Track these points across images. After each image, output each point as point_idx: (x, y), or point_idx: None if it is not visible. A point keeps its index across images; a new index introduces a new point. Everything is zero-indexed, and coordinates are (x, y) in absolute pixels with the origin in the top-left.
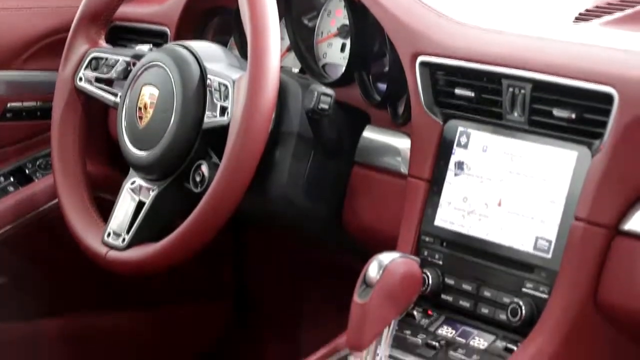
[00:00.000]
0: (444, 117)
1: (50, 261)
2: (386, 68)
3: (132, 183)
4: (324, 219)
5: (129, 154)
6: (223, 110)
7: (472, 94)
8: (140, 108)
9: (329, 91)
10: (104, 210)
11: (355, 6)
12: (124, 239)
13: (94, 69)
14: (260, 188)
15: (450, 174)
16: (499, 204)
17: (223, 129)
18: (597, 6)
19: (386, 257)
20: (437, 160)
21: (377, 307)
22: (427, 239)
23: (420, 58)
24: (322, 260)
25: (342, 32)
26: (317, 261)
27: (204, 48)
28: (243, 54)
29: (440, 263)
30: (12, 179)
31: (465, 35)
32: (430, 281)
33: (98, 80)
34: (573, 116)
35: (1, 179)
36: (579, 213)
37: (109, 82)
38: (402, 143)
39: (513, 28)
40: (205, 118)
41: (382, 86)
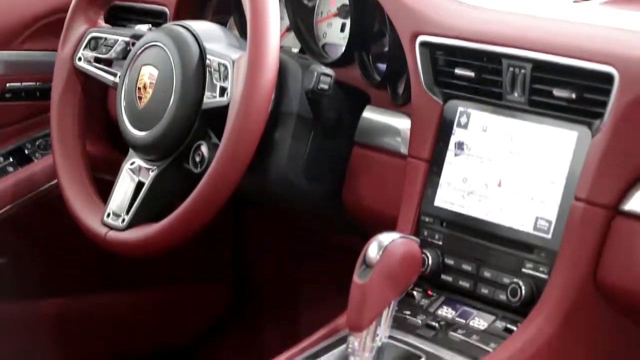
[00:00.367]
0: (444, 97)
1: (49, 241)
2: (386, 48)
3: (132, 163)
4: (324, 199)
5: (129, 135)
6: (222, 90)
7: (472, 74)
8: (139, 88)
9: (329, 71)
10: (104, 190)
11: None
12: (124, 220)
13: (93, 49)
14: (259, 168)
15: (450, 154)
16: (499, 185)
17: (222, 110)
18: None
19: (386, 238)
20: (437, 140)
21: (377, 288)
22: (427, 220)
23: (420, 38)
24: (322, 240)
25: (342, 12)
26: (317, 241)
27: (204, 28)
28: (242, 34)
29: (440, 243)
30: (12, 159)
31: (465, 14)
32: (430, 261)
33: (97, 60)
34: (573, 96)
35: (0, 159)
36: (579, 193)
37: (108, 62)
38: (402, 123)
39: (513, 8)
40: (204, 98)
41: (382, 66)
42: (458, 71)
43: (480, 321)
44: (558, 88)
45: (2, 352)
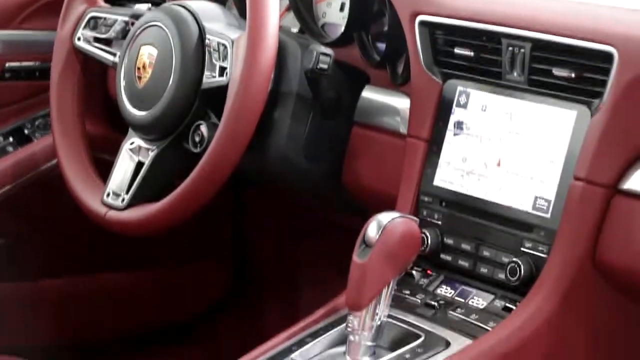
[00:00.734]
0: (444, 77)
1: (49, 221)
2: (385, 28)
3: (131, 143)
4: (323, 179)
5: (128, 114)
6: (222, 70)
7: (472, 54)
8: (139, 68)
9: (328, 51)
10: (104, 170)
11: None
12: (124, 199)
13: (93, 29)
14: (259, 148)
15: (449, 134)
16: (498, 164)
17: (222, 89)
18: None
19: (385, 217)
20: (437, 120)
21: (376, 267)
22: (426, 199)
23: (419, 17)
24: (322, 220)
25: None
26: (317, 221)
27: (203, 7)
28: (242, 14)
29: (439, 223)
30: (11, 139)
31: None
32: (429, 241)
33: (97, 40)
34: (573, 75)
35: (0, 139)
36: (578, 172)
37: (108, 42)
38: (402, 103)
39: None
40: (204, 78)
41: (382, 46)
42: (457, 51)
43: (479, 300)
44: (557, 67)
45: (2, 333)
